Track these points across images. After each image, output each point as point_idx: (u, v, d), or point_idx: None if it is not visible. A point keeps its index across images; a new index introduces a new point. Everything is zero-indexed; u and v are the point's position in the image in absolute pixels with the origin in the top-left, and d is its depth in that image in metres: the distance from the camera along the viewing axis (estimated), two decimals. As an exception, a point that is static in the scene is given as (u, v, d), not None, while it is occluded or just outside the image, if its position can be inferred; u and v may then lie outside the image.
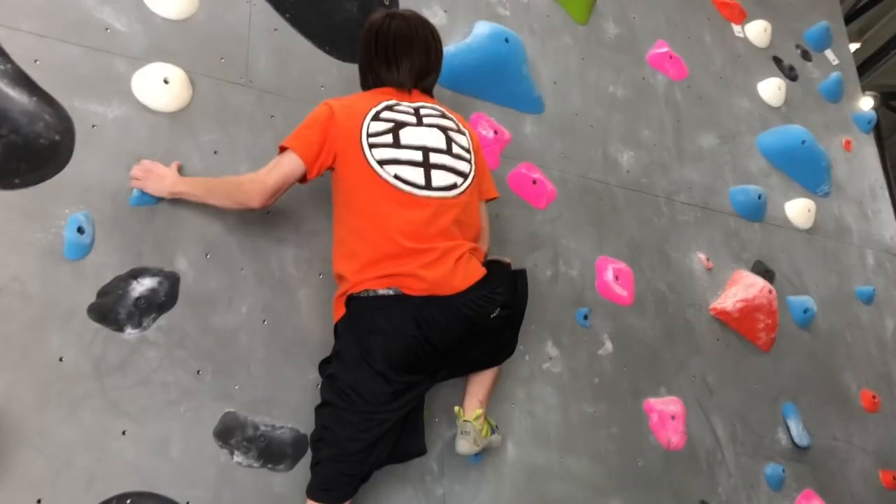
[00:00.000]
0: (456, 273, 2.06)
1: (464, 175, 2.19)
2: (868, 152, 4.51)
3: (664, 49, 3.74)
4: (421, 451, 2.18)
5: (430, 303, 2.03)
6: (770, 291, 3.35)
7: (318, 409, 2.10)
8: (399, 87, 2.27)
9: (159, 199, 2.22)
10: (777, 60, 4.26)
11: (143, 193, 2.18)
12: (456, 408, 2.34)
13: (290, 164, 2.09)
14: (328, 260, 2.43)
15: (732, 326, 3.31)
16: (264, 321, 2.28)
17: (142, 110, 2.30)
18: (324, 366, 2.20)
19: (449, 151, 2.18)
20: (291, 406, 2.24)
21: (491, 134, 2.96)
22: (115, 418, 1.99)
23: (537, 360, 2.74)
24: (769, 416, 3.28)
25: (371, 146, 2.08)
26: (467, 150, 2.25)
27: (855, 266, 4.02)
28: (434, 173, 2.12)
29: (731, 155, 3.77)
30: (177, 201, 2.23)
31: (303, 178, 2.15)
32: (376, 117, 2.14)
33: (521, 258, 2.85)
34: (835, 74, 4.46)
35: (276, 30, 2.64)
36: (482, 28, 3.08)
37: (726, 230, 3.55)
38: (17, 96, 2.10)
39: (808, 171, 3.97)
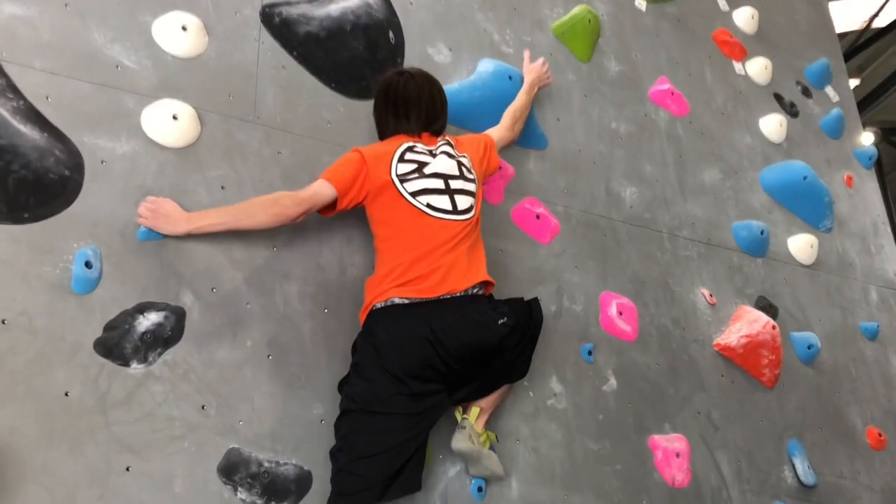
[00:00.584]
0: (466, 276, 2.28)
1: (473, 195, 2.43)
2: (870, 188, 4.53)
3: (666, 86, 3.79)
4: (416, 488, 2.20)
5: (442, 307, 2.20)
6: (773, 327, 3.34)
7: (337, 423, 2.19)
8: (411, 134, 2.47)
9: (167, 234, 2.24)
10: (778, 97, 4.31)
11: (150, 228, 2.20)
12: (455, 410, 2.40)
13: (322, 188, 2.28)
14: (333, 294, 2.46)
15: (736, 362, 3.30)
16: (269, 356, 2.29)
17: (150, 146, 2.33)
18: (342, 384, 2.27)
19: (462, 175, 2.42)
20: (295, 441, 2.23)
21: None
22: (119, 453, 1.98)
23: (542, 395, 2.73)
24: (774, 453, 3.26)
25: (402, 180, 2.32)
26: (470, 171, 2.49)
27: (858, 302, 4.02)
28: (457, 198, 2.36)
29: (734, 190, 3.80)
30: (185, 236, 2.25)
31: (332, 207, 2.33)
32: (402, 159, 2.36)
33: (525, 293, 2.84)
34: (835, 111, 4.50)
35: (283, 67, 2.68)
36: (486, 65, 3.13)
37: (729, 265, 3.56)
38: (29, 132, 2.13)
39: (810, 207, 3.99)
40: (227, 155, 2.45)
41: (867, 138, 4.86)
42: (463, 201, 2.38)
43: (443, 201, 2.33)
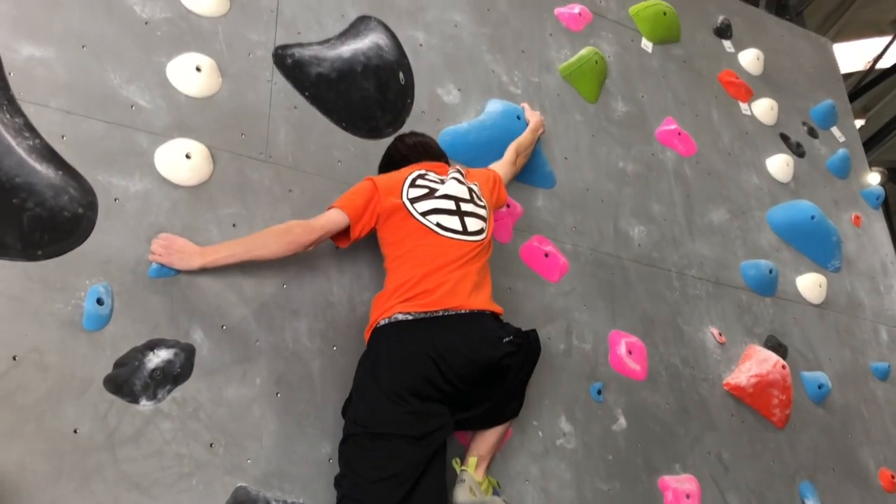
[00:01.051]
0: (472, 295, 2.28)
1: (484, 220, 2.48)
2: (878, 228, 4.53)
3: (673, 126, 3.82)
4: None
5: (446, 323, 2.20)
6: (783, 367, 3.32)
7: (340, 448, 2.17)
8: (422, 163, 2.55)
9: (178, 271, 2.25)
10: (784, 137, 4.34)
11: (162, 265, 2.22)
12: (453, 461, 2.36)
13: (334, 216, 2.32)
14: (343, 332, 2.46)
15: (747, 402, 3.28)
16: (277, 393, 2.29)
17: (163, 184, 2.36)
18: (345, 409, 2.27)
19: (472, 200, 2.47)
20: (303, 480, 2.22)
21: (503, 207, 3.00)
22: (128, 491, 1.97)
23: (551, 435, 2.71)
24: (786, 495, 3.22)
25: (412, 202, 2.37)
26: (480, 198, 2.54)
27: (869, 341, 4.00)
28: (467, 220, 2.41)
29: (742, 230, 3.81)
30: (196, 273, 2.26)
31: (346, 236, 2.35)
32: (413, 184, 2.42)
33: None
34: (841, 151, 4.53)
35: (295, 107, 2.72)
36: (495, 105, 3.17)
37: (738, 304, 3.56)
38: (44, 170, 2.16)
39: (818, 246, 3.99)
40: (238, 193, 2.48)
41: (874, 178, 4.86)
42: (473, 223, 2.41)
43: (453, 222, 2.37)
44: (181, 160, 2.38)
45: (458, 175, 2.53)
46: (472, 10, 3.43)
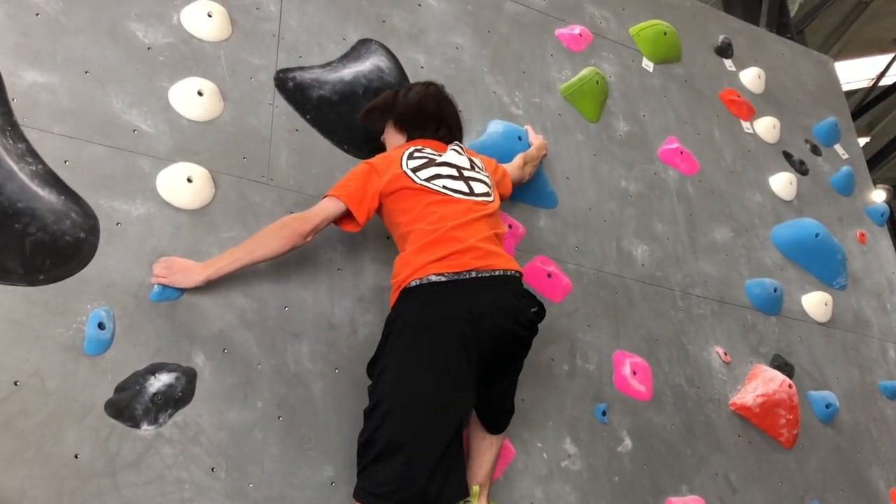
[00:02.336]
0: (498, 255, 2.27)
1: (489, 186, 2.48)
2: (883, 245, 4.51)
3: (675, 145, 3.82)
4: (464, 494, 2.13)
5: (481, 285, 2.17)
6: (790, 386, 3.30)
7: (367, 413, 2.12)
8: (420, 139, 2.55)
9: (180, 294, 2.26)
10: (787, 155, 4.33)
11: (164, 289, 2.22)
12: None
13: (328, 204, 2.30)
14: (344, 354, 2.45)
15: (753, 422, 3.25)
16: (279, 417, 2.27)
17: (165, 208, 2.37)
18: (371, 367, 2.24)
19: (473, 169, 2.48)
20: (305, 504, 2.21)
21: (505, 228, 3.00)
22: (128, 517, 1.96)
23: (555, 457, 2.69)
24: (796, 516, 3.19)
25: (414, 171, 2.35)
26: (483, 171, 2.54)
27: (877, 360, 3.97)
28: (472, 183, 2.41)
29: (746, 248, 3.79)
30: (198, 296, 2.26)
31: (353, 224, 2.33)
32: (411, 156, 2.41)
33: (536, 352, 2.83)
34: (845, 168, 4.52)
35: (297, 130, 2.73)
36: (496, 126, 3.17)
37: (743, 324, 3.54)
38: (47, 195, 2.17)
39: (823, 264, 3.97)
40: (240, 216, 2.48)
41: (878, 195, 4.86)
42: (479, 187, 2.41)
43: (458, 185, 2.37)
44: (183, 184, 2.39)
45: (457, 148, 2.53)
46: (472, 33, 3.45)
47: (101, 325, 2.09)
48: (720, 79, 4.35)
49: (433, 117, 2.58)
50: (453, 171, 2.40)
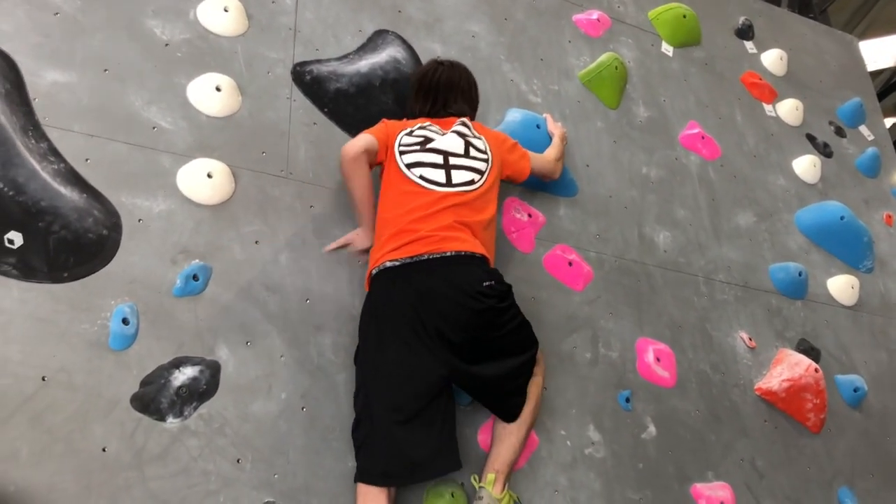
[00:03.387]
0: (457, 240, 2.34)
1: (480, 172, 2.52)
2: (911, 226, 4.45)
3: (696, 130, 3.78)
4: (456, 467, 2.21)
5: (429, 268, 2.28)
6: (816, 370, 3.26)
7: (354, 397, 2.29)
8: (430, 116, 2.68)
9: (203, 289, 2.28)
10: (811, 138, 4.27)
11: (186, 284, 2.24)
12: (472, 476, 2.35)
13: (366, 136, 2.46)
14: (366, 345, 2.45)
15: (780, 407, 3.22)
16: (303, 408, 2.29)
17: (186, 204, 2.39)
18: (356, 357, 2.36)
19: (466, 154, 2.53)
20: (330, 495, 2.22)
21: (525, 217, 3.00)
22: (156, 509, 1.99)
23: (579, 444, 2.69)
24: (824, 501, 3.15)
25: (401, 153, 2.48)
26: (483, 152, 2.58)
27: (905, 343, 3.91)
28: (454, 172, 2.47)
29: (769, 233, 3.75)
30: (220, 290, 2.29)
31: (376, 159, 2.51)
32: (409, 133, 2.54)
33: (559, 341, 2.83)
34: (871, 150, 4.45)
35: (315, 124, 2.74)
36: (514, 115, 3.16)
37: (768, 308, 3.50)
38: (69, 194, 2.19)
39: (849, 247, 3.92)
40: (260, 210, 2.50)
41: (906, 176, 4.77)
42: (460, 176, 2.47)
43: (437, 174, 2.45)
44: (203, 180, 2.41)
45: (461, 128, 2.59)
46: (489, 21, 3.44)
47: (125, 321, 2.11)
48: (741, 61, 4.30)
49: (429, 95, 2.70)
50: (438, 159, 2.48)
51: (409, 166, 2.45)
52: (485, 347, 2.31)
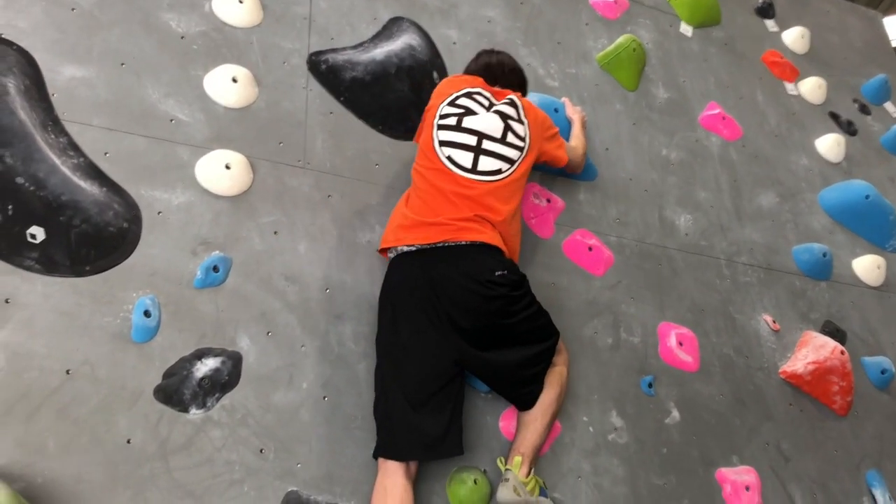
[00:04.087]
0: (473, 231, 2.35)
1: (511, 161, 2.48)
2: (938, 204, 4.37)
3: (716, 110, 3.74)
4: (458, 452, 2.24)
5: (442, 256, 2.32)
6: (842, 352, 3.22)
7: (374, 377, 2.34)
8: (486, 82, 2.66)
9: (223, 280, 2.29)
10: (834, 116, 4.21)
11: (206, 275, 2.25)
12: (497, 459, 2.35)
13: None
14: (386, 334, 2.45)
15: (805, 390, 3.19)
16: (325, 397, 2.30)
17: (205, 195, 2.39)
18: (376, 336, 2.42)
19: (503, 140, 2.49)
20: (353, 483, 2.23)
21: (544, 202, 2.98)
22: (181, 499, 2.00)
23: (602, 430, 2.68)
24: (852, 484, 3.12)
25: (439, 127, 2.48)
26: (522, 139, 2.54)
27: (934, 323, 3.85)
28: (482, 158, 2.44)
29: (792, 213, 3.70)
30: (241, 281, 2.30)
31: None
32: (452, 103, 2.52)
33: (579, 327, 2.82)
34: (896, 127, 4.38)
35: (331, 113, 2.74)
36: (532, 99, 3.13)
37: (792, 290, 3.46)
38: (89, 188, 2.21)
39: (874, 227, 3.85)
40: (278, 201, 2.50)
41: (933, 153, 4.69)
42: (488, 163, 2.44)
43: (465, 158, 2.43)
44: (221, 171, 2.42)
45: (506, 108, 2.55)
46: (504, 5, 3.41)
47: (146, 313, 2.13)
48: (762, 41, 4.24)
49: (486, 67, 2.71)
50: (471, 141, 2.45)
51: (441, 143, 2.46)
52: (497, 335, 2.31)
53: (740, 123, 3.80)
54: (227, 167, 2.42)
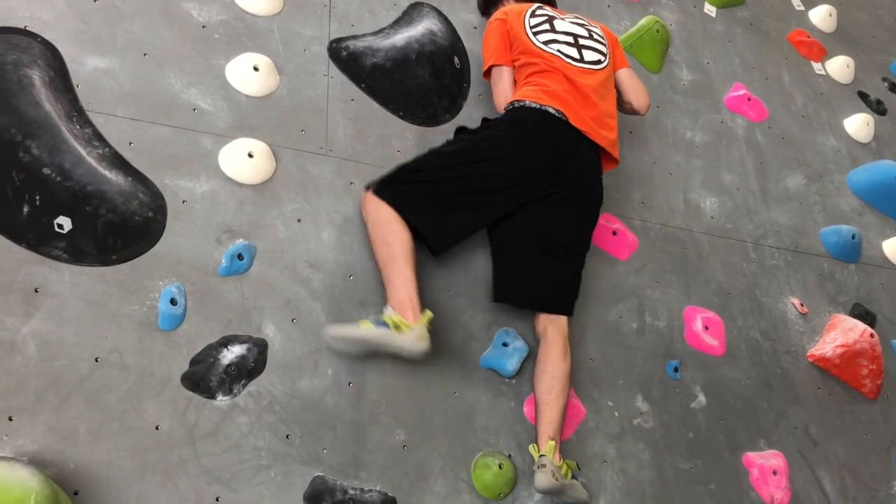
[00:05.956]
0: (597, 123, 2.60)
1: (604, 54, 2.77)
2: (970, 184, 4.28)
3: (742, 92, 3.69)
4: (433, 248, 2.45)
5: (560, 125, 2.52)
6: (872, 335, 3.18)
7: (430, 153, 2.52)
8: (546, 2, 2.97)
9: (248, 268, 2.30)
10: (863, 95, 4.14)
11: (231, 263, 2.27)
12: (530, 446, 2.35)
13: (506, 74, 2.75)
14: (410, 320, 2.46)
15: (833, 373, 3.15)
16: (350, 383, 2.31)
17: (228, 184, 2.41)
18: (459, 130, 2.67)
19: (590, 37, 2.78)
20: (379, 468, 2.24)
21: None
22: (209, 484, 2.03)
23: (627, 415, 2.67)
24: (882, 468, 3.09)
25: (535, 33, 2.72)
26: (602, 38, 2.83)
27: (966, 305, 3.79)
28: (584, 52, 2.71)
29: (820, 195, 3.65)
30: (265, 269, 2.31)
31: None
32: (533, 14, 2.79)
33: (604, 311, 2.81)
34: (927, 105, 4.29)
35: (352, 100, 2.74)
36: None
37: (820, 273, 3.42)
38: (114, 178, 2.23)
39: (905, 208, 3.80)
40: (301, 188, 2.51)
41: (965, 132, 4.59)
42: (591, 55, 2.71)
43: (571, 51, 2.69)
44: (244, 159, 2.43)
45: (578, 19, 2.84)
46: (525, -11, 3.38)
47: (173, 301, 2.15)
48: (788, 20, 4.17)
49: None
50: (569, 39, 2.71)
51: (546, 43, 2.67)
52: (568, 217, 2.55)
53: (766, 104, 3.74)
54: (250, 155, 2.43)
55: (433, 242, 2.42)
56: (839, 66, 4.10)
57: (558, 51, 2.65)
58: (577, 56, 2.67)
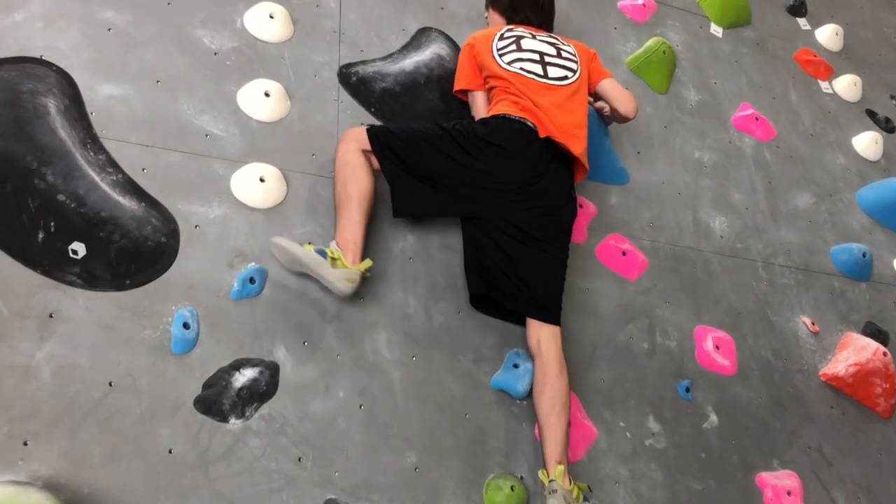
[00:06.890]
0: (572, 136, 2.64)
1: (573, 70, 2.78)
2: (981, 201, 4.27)
3: (749, 111, 3.70)
4: (395, 211, 2.51)
5: (523, 130, 2.58)
6: (885, 354, 3.16)
7: (409, 129, 2.57)
8: (517, 23, 2.94)
9: (259, 291, 2.32)
10: (871, 113, 4.14)
11: (243, 287, 2.29)
12: (539, 472, 2.32)
13: (479, 98, 2.85)
14: (420, 341, 2.48)
15: (847, 392, 3.13)
16: (361, 406, 2.32)
17: (240, 208, 2.43)
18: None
19: (559, 55, 2.79)
20: (391, 490, 2.24)
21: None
22: (222, 508, 2.04)
23: (639, 435, 2.66)
24: (897, 487, 3.06)
25: (500, 55, 2.76)
26: (573, 55, 2.84)
27: (979, 322, 3.76)
28: (549, 68, 2.74)
29: (830, 213, 3.65)
30: (277, 292, 2.33)
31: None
32: (501, 37, 2.82)
33: (615, 331, 2.81)
34: (936, 123, 4.29)
35: (362, 124, 2.76)
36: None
37: (831, 291, 3.41)
38: (128, 203, 2.25)
39: (916, 225, 3.79)
40: (312, 212, 2.53)
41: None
42: (556, 71, 2.73)
43: (536, 67, 2.72)
44: (256, 184, 2.45)
45: (548, 38, 2.86)
46: (532, 12, 3.41)
47: (185, 325, 2.17)
48: (794, 39, 4.19)
49: (527, 2, 2.96)
50: (534, 57, 2.75)
51: (510, 63, 2.72)
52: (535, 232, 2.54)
53: (774, 124, 3.76)
54: (262, 180, 2.46)
55: (397, 199, 2.51)
56: (846, 85, 4.11)
57: (521, 68, 2.70)
58: (541, 72, 2.71)
